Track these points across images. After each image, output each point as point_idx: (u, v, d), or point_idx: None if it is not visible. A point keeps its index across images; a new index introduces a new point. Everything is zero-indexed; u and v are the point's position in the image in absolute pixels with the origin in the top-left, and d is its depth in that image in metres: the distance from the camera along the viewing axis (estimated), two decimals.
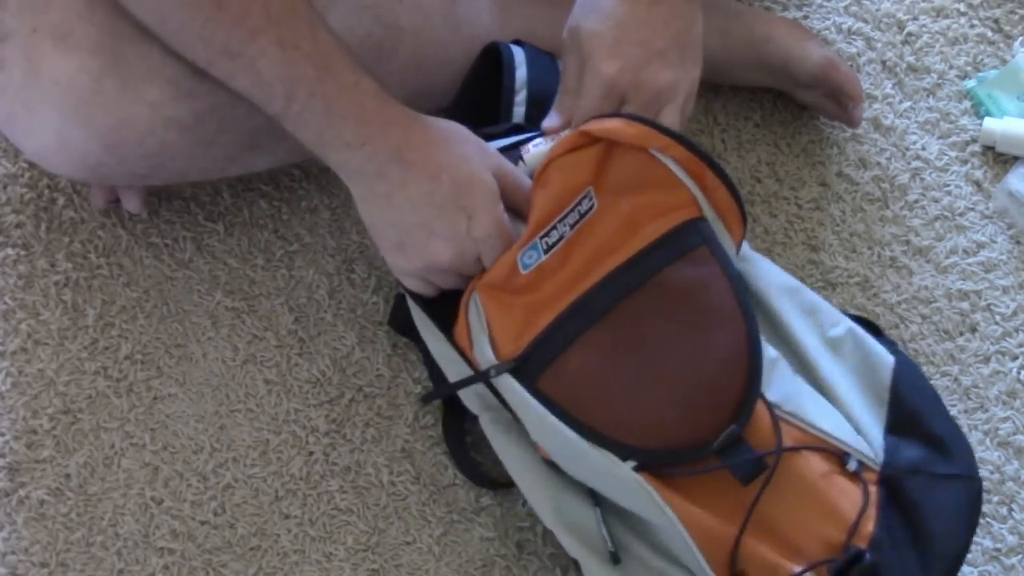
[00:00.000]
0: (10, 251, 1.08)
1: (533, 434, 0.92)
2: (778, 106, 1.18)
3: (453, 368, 0.96)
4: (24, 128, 0.95)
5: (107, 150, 0.93)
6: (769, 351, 0.93)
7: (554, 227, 0.90)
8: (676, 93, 0.94)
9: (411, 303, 0.98)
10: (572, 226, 0.90)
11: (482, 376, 0.91)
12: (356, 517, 1.02)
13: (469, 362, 0.93)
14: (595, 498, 0.93)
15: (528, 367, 0.88)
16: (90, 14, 0.89)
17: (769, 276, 1.00)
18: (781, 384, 0.92)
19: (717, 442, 0.87)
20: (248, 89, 0.87)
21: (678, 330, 0.89)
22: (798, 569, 0.87)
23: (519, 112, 1.02)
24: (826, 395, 0.95)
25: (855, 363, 0.98)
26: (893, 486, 0.92)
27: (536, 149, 0.96)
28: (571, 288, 0.90)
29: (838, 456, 0.91)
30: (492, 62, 1.03)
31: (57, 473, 1.02)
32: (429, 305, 0.95)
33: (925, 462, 0.94)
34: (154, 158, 0.93)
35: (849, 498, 0.90)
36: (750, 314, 0.89)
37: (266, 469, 1.03)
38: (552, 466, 0.94)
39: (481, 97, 1.04)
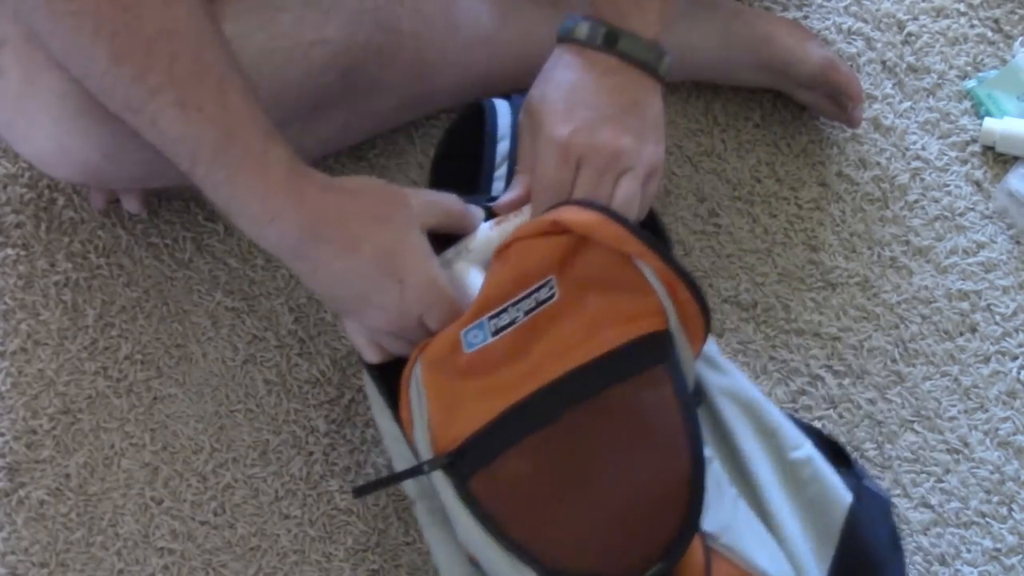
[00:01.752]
0: (10, 251, 1.08)
1: (459, 531, 0.87)
2: (778, 106, 1.18)
3: (396, 447, 0.93)
4: (22, 135, 0.95)
5: (106, 158, 0.93)
6: (714, 470, 0.90)
7: (506, 310, 0.85)
8: (634, 162, 0.89)
9: (364, 372, 0.94)
10: (527, 312, 0.85)
11: (414, 471, 0.86)
12: (356, 517, 1.02)
13: (410, 445, 0.89)
14: None
15: (463, 463, 0.83)
16: None
17: (732, 388, 0.97)
18: (720, 511, 0.87)
19: None
20: (155, 143, 0.83)
21: (620, 454, 0.84)
22: None
23: (498, 187, 0.98)
24: (770, 525, 0.91)
25: (810, 495, 0.95)
26: None
27: (482, 234, 0.92)
28: (518, 383, 0.84)
29: None
30: (476, 119, 1.01)
31: (57, 473, 1.02)
32: (380, 373, 0.91)
33: None
34: (152, 164, 0.93)
35: None
36: (697, 448, 0.84)
37: (266, 469, 1.03)
38: (477, 568, 0.89)
39: (463, 155, 1.01)
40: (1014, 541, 1.05)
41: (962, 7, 1.23)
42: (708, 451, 0.90)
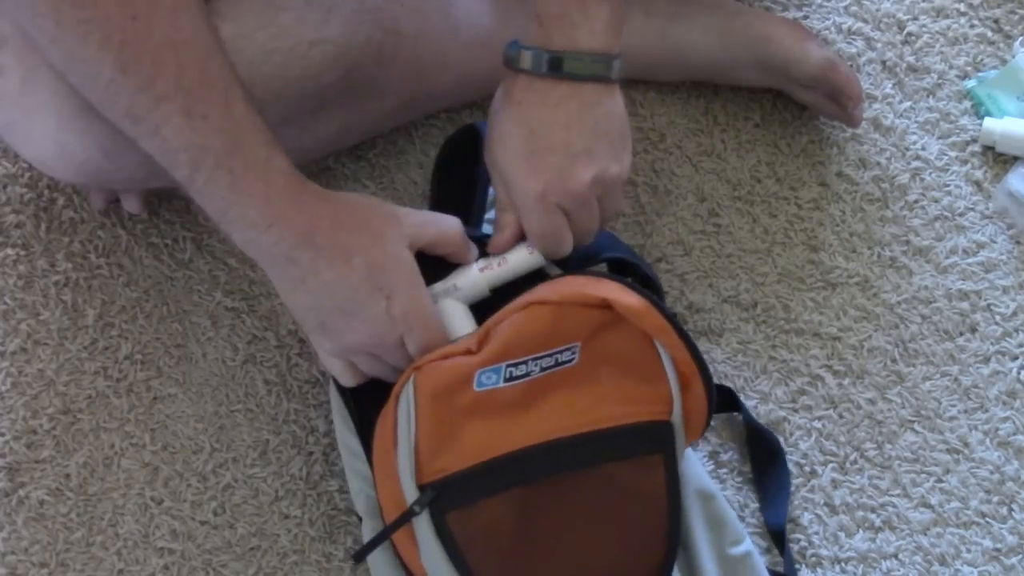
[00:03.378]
0: (10, 251, 1.08)
1: (424, 559, 0.87)
2: (778, 106, 1.18)
3: (352, 462, 0.94)
4: (23, 135, 0.95)
5: (106, 157, 0.93)
6: None
7: (526, 362, 0.86)
8: (612, 181, 0.90)
9: (331, 388, 0.95)
10: (543, 369, 0.86)
11: (407, 516, 0.85)
12: (356, 517, 1.02)
13: (371, 463, 0.89)
14: None
15: (444, 497, 0.84)
16: None
17: (693, 479, 0.98)
18: None
19: None
20: (154, 153, 0.84)
21: (599, 529, 0.86)
22: None
23: (488, 228, 0.99)
24: None
25: None
26: None
27: (472, 276, 0.92)
28: (517, 434, 0.85)
29: None
30: (471, 140, 1.01)
31: (57, 473, 1.02)
32: (349, 393, 0.92)
33: None
34: (153, 164, 0.93)
35: None
36: (673, 545, 0.86)
37: (266, 469, 1.03)
38: None
39: (458, 177, 1.02)
40: (1014, 541, 1.05)
41: (962, 7, 1.23)
42: None
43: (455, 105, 1.14)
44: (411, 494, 0.85)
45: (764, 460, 1.05)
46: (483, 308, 0.91)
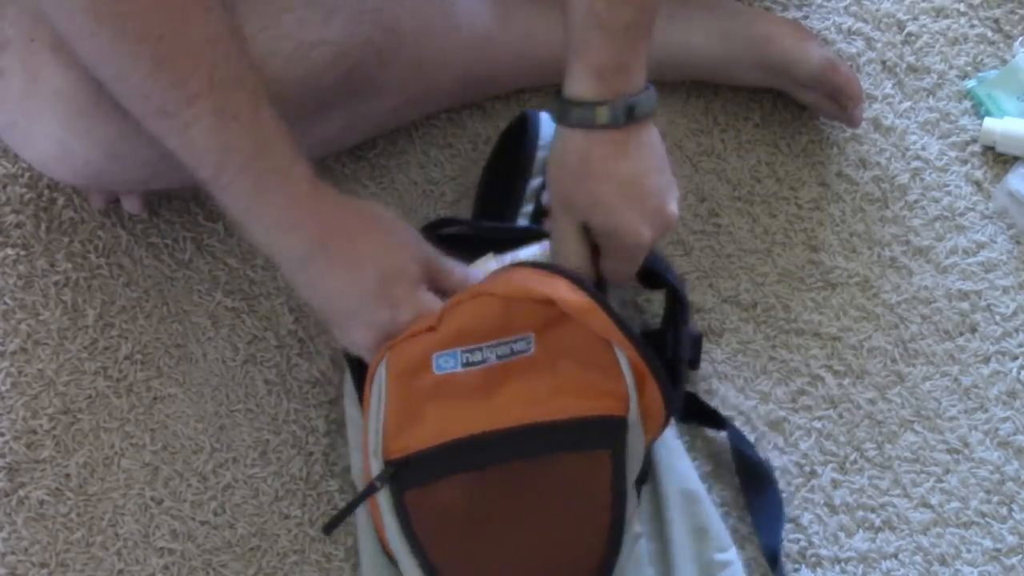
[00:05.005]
0: (10, 251, 1.08)
1: (388, 535, 0.90)
2: (778, 106, 1.18)
3: (356, 437, 0.97)
4: (24, 137, 0.95)
5: (109, 159, 0.93)
6: (640, 546, 0.95)
7: (481, 348, 0.88)
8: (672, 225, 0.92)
9: (345, 360, 0.98)
10: (499, 357, 0.88)
11: (368, 491, 0.88)
12: (356, 517, 1.02)
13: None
14: None
15: (404, 476, 0.87)
16: None
17: (678, 478, 1.00)
18: None
19: None
20: (179, 151, 0.84)
21: (545, 517, 0.88)
22: None
23: (522, 223, 1.03)
24: None
25: None
26: None
27: (491, 272, 0.95)
28: (473, 419, 0.87)
29: None
30: (520, 129, 1.04)
31: (57, 473, 1.02)
32: (359, 364, 0.95)
33: None
34: (155, 166, 0.93)
35: None
36: (614, 542, 0.88)
37: (266, 469, 1.03)
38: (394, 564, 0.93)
39: (510, 164, 1.05)
40: (1014, 541, 1.05)
41: (962, 7, 1.23)
42: (640, 527, 0.96)
43: (455, 105, 1.14)
44: (377, 469, 0.88)
45: (755, 485, 1.04)
46: None
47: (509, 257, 0.97)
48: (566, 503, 0.88)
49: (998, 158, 1.17)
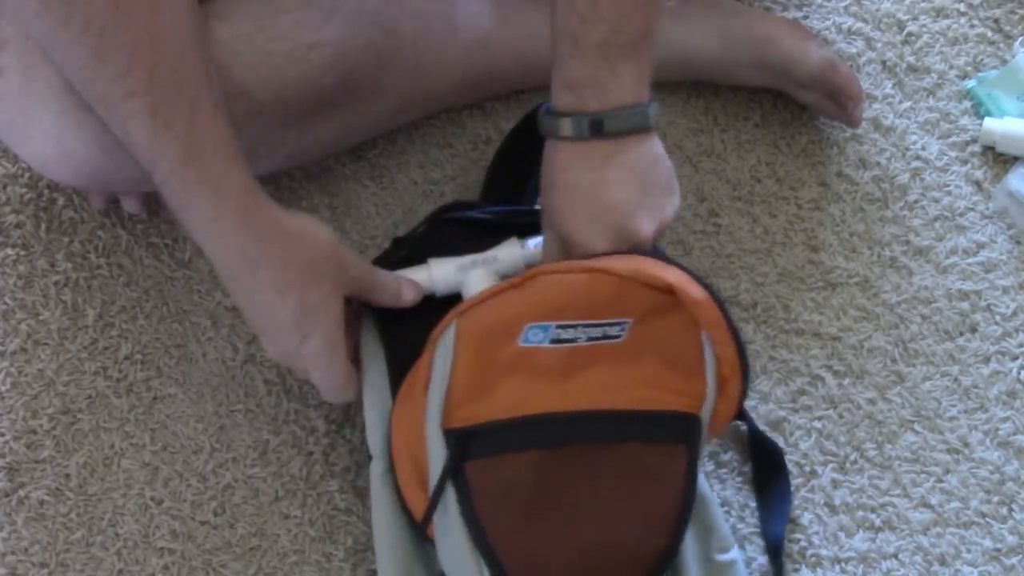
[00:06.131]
0: (10, 251, 1.08)
1: (444, 501, 0.88)
2: (778, 106, 1.18)
3: (375, 397, 0.95)
4: (23, 135, 0.95)
5: (106, 156, 0.93)
6: None
7: (576, 326, 0.87)
8: (669, 222, 0.91)
9: (365, 322, 0.97)
10: (590, 339, 0.87)
11: (450, 468, 0.86)
12: (356, 517, 1.02)
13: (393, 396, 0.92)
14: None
15: (469, 444, 0.86)
16: None
17: None
18: None
19: None
20: (122, 140, 0.85)
21: (611, 503, 0.87)
22: None
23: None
24: None
25: None
26: None
27: (513, 251, 0.96)
28: (551, 398, 0.87)
29: None
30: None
31: (57, 473, 1.02)
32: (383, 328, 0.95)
33: None
34: None
35: None
36: (679, 534, 0.88)
37: (266, 469, 1.03)
38: (415, 548, 0.93)
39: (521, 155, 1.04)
40: (1014, 541, 1.05)
41: (962, 7, 1.23)
42: None
43: (455, 106, 1.14)
44: (435, 438, 0.87)
45: (766, 470, 1.05)
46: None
47: (533, 242, 0.97)
48: (637, 492, 0.87)
49: (998, 158, 1.17)
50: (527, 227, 0.99)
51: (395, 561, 0.92)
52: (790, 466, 1.06)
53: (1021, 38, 1.21)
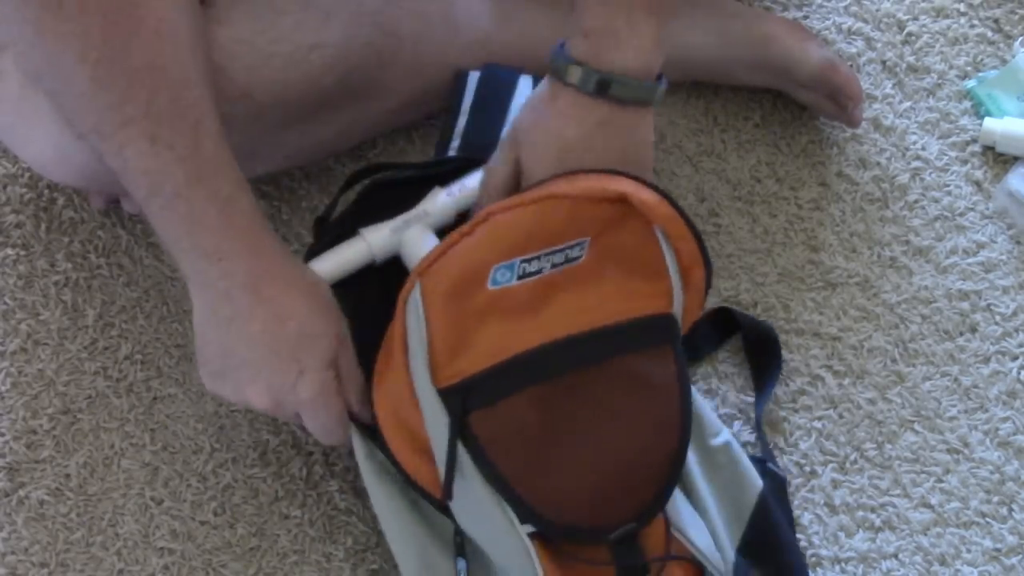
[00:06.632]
0: (10, 251, 1.08)
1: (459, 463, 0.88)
2: (778, 106, 1.18)
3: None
4: (22, 139, 0.95)
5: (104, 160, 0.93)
6: None
7: (539, 257, 0.87)
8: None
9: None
10: (553, 266, 0.87)
11: (456, 427, 0.85)
12: (356, 517, 1.02)
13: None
14: (460, 552, 0.92)
15: (466, 400, 0.85)
16: None
17: None
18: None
19: (615, 534, 0.86)
20: (115, 171, 0.84)
21: (616, 419, 0.87)
22: None
23: (455, 144, 1.04)
24: (695, 506, 0.96)
25: (725, 479, 1.00)
26: None
27: (440, 201, 0.96)
28: (529, 333, 0.86)
29: (700, 570, 0.92)
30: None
31: (57, 473, 1.03)
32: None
33: None
34: None
35: None
36: (686, 430, 0.88)
37: (266, 470, 1.03)
38: (420, 517, 0.93)
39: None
40: (1014, 541, 1.05)
41: (962, 7, 1.23)
42: None
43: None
44: (430, 401, 0.86)
45: (760, 353, 1.07)
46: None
47: (457, 187, 0.97)
48: (637, 401, 0.88)
49: (998, 158, 1.17)
50: (449, 176, 0.99)
51: (408, 543, 0.92)
52: (790, 466, 1.06)
53: (1021, 38, 1.21)
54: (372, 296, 0.94)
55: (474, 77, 1.05)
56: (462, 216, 0.97)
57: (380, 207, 0.97)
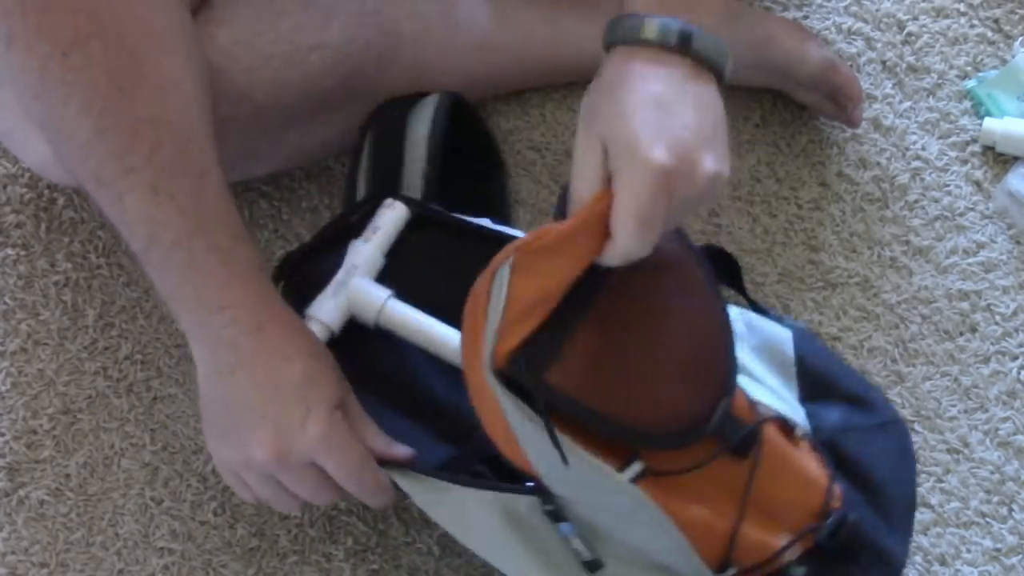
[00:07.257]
0: (10, 251, 1.08)
1: (524, 441, 0.81)
2: (778, 106, 1.18)
3: None
4: (23, 142, 0.95)
5: None
6: None
7: None
8: (722, 187, 0.79)
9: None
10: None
11: (545, 405, 0.77)
12: (356, 517, 1.02)
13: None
14: (556, 519, 0.86)
15: (533, 362, 0.77)
16: None
17: None
18: None
19: (714, 419, 0.81)
20: (113, 220, 0.83)
21: (668, 303, 0.83)
22: (785, 541, 0.87)
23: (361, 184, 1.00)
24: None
25: (757, 344, 0.99)
26: (829, 449, 0.93)
27: (363, 250, 0.93)
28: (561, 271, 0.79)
29: (789, 427, 0.91)
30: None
31: (57, 473, 1.03)
32: None
33: (849, 419, 0.97)
34: None
35: (813, 464, 0.90)
36: (720, 297, 0.86)
37: None
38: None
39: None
40: (1014, 541, 1.05)
41: (962, 7, 1.23)
42: None
43: None
44: (492, 382, 0.78)
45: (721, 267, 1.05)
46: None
47: (370, 230, 0.94)
48: (674, 282, 0.83)
49: (998, 158, 1.17)
50: (358, 225, 0.95)
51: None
52: None
53: (1021, 38, 1.21)
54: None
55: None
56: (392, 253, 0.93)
57: (312, 284, 0.94)
